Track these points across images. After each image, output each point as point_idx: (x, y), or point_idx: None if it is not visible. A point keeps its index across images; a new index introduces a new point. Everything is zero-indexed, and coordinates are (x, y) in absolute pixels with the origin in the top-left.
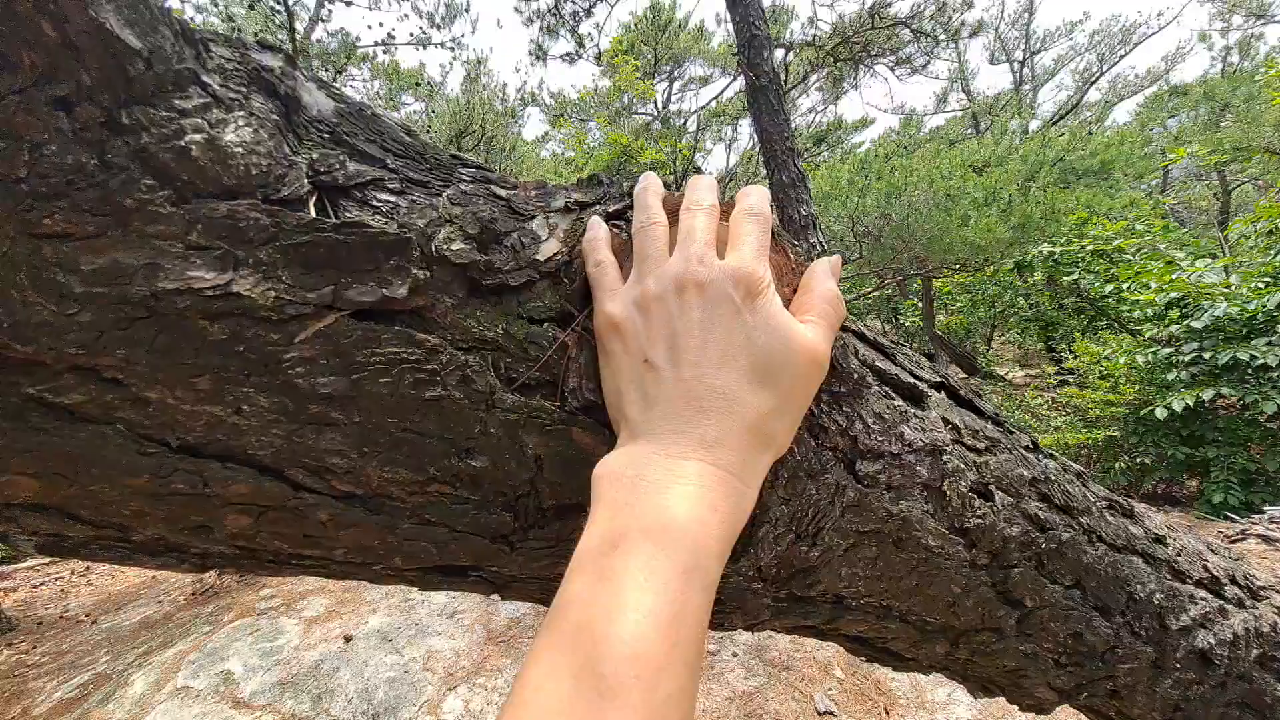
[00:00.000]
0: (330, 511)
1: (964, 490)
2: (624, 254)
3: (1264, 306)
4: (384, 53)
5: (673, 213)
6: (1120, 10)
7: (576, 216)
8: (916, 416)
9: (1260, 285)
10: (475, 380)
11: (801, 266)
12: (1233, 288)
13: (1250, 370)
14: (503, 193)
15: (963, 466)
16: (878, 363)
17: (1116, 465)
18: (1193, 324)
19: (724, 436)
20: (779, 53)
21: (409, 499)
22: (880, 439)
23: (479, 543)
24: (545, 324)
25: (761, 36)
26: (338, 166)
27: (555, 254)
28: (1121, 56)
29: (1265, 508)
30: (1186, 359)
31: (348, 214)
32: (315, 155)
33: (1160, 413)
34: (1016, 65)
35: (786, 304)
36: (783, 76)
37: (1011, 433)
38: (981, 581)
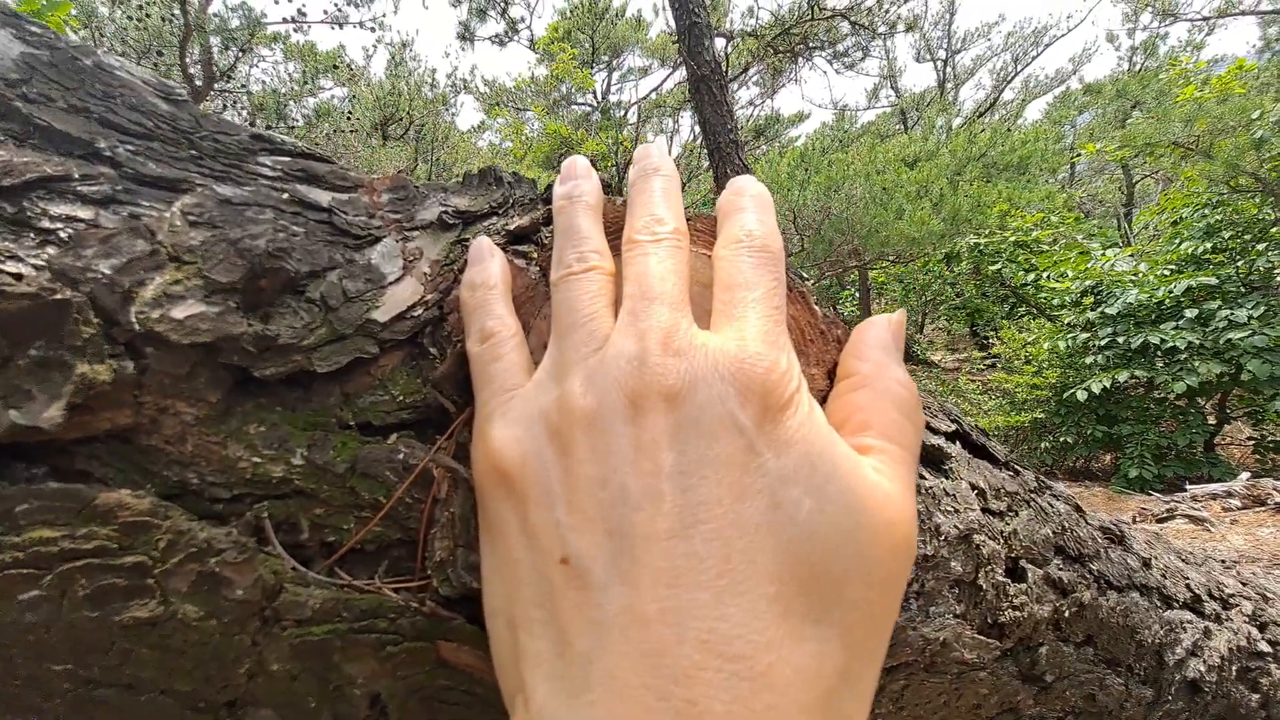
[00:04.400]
0: None
1: (999, 578)
2: (535, 304)
3: (1170, 293)
4: (296, 31)
5: (617, 234)
6: (1032, 13)
7: (456, 238)
8: (948, 495)
9: (1165, 273)
10: (233, 581)
11: (835, 328)
12: (1140, 275)
13: (1159, 353)
14: (323, 198)
15: (996, 547)
16: None
17: (1042, 445)
18: (1107, 310)
19: None
20: (719, 42)
21: None
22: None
23: None
24: (394, 437)
25: (701, 24)
26: None
27: (412, 306)
28: (1034, 57)
29: (1187, 485)
30: (1102, 343)
31: None
32: None
33: (1081, 395)
34: (940, 64)
35: (821, 402)
36: (723, 67)
37: (1018, 474)
38: (1008, 672)
